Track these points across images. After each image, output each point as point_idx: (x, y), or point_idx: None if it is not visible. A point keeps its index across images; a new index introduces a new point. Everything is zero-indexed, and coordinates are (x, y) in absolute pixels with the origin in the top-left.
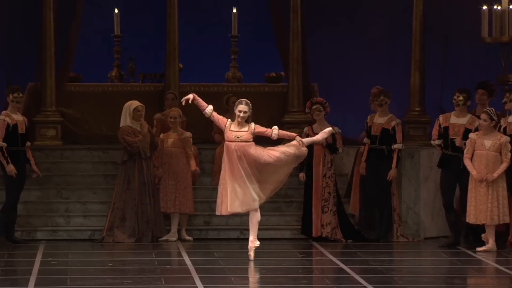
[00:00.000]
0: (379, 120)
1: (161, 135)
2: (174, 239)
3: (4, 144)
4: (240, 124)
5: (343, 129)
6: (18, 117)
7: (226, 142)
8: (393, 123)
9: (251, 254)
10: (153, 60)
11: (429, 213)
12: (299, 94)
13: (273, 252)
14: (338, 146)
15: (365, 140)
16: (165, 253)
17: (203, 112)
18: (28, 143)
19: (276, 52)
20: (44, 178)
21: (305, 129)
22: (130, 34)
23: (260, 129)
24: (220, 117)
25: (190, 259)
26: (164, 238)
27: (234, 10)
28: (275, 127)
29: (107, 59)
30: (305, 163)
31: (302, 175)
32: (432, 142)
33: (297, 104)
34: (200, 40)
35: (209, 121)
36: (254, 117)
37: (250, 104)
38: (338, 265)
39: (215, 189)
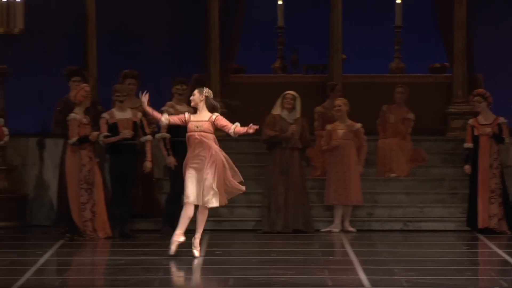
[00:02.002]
0: None
1: (329, 126)
2: (337, 230)
3: (167, 135)
4: (200, 112)
5: (509, 120)
6: (183, 108)
7: (187, 134)
8: None
9: (173, 248)
10: (317, 51)
11: None
12: (463, 85)
13: (437, 244)
14: (504, 137)
15: None
16: (328, 244)
17: (160, 123)
18: None
19: (440, 43)
20: None
21: (470, 120)
22: (293, 25)
23: (222, 122)
24: (177, 116)
25: (353, 250)
26: (327, 229)
27: (398, 0)
28: (236, 124)
29: (270, 50)
30: (470, 155)
31: (468, 168)
32: None
33: (462, 95)
34: (363, 30)
35: (372, 112)
36: (418, 108)
37: (205, 90)
38: (504, 257)
39: (378, 180)
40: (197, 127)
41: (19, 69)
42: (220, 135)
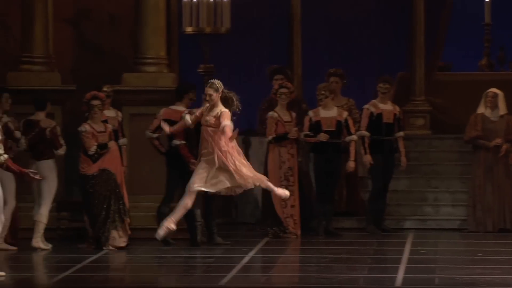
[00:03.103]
0: None
1: None
2: None
3: (367, 133)
4: (212, 108)
5: None
6: (386, 107)
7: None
8: None
9: (161, 233)
10: None
11: None
12: None
13: None
14: None
15: None
16: None
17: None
18: (401, 133)
19: None
20: (413, 167)
21: None
22: (500, 22)
23: (222, 118)
24: (196, 112)
25: None
26: None
27: None
28: (226, 124)
29: (477, 47)
30: None
31: None
32: None
33: None
34: None
35: None
36: None
37: (217, 86)
38: None
39: None
40: (206, 121)
41: (225, 68)
42: (424, 133)
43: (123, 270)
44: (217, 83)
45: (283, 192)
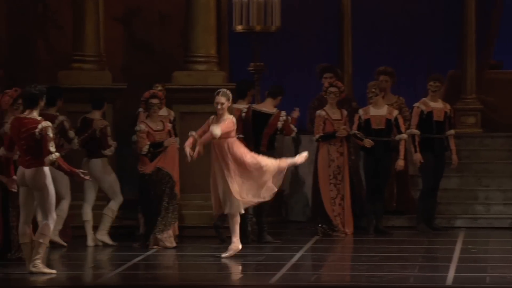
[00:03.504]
0: None
1: None
2: None
3: (417, 132)
4: (219, 119)
5: None
6: (437, 105)
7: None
8: None
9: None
10: None
11: None
12: None
13: None
14: None
15: None
16: None
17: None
18: (452, 132)
19: None
20: (464, 165)
21: None
22: None
23: (221, 123)
24: (203, 127)
25: None
26: None
27: None
28: (213, 128)
29: None
30: None
31: None
32: None
33: None
34: None
35: None
36: None
37: (229, 94)
38: None
39: None
40: None
41: (275, 66)
42: (474, 131)
43: (174, 268)
44: (228, 92)
45: (301, 158)
